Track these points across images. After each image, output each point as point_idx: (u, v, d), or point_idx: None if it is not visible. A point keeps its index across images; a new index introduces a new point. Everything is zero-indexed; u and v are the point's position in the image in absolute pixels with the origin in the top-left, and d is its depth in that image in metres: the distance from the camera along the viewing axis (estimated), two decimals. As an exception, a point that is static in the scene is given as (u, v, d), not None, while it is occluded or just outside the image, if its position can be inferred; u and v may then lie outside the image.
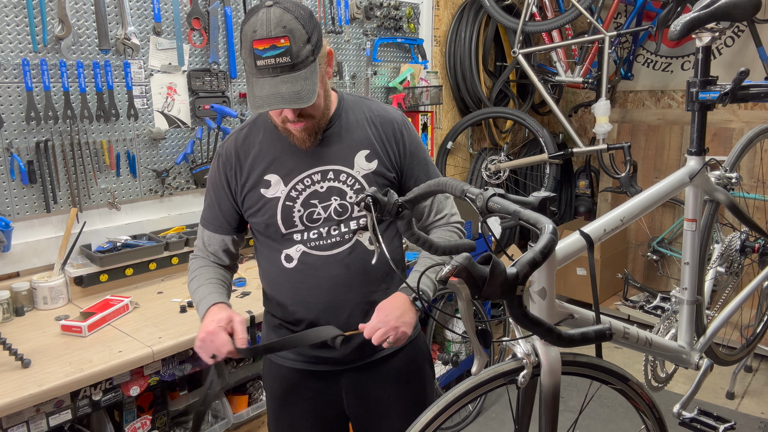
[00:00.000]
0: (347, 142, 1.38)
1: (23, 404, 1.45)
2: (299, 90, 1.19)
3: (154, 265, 2.23)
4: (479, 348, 1.04)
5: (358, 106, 1.42)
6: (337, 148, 1.38)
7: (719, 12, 1.48)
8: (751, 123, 3.59)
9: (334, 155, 1.37)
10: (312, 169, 1.37)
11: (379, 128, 1.41)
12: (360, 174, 1.38)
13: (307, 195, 1.37)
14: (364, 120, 1.41)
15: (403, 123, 1.45)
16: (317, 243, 1.39)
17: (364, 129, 1.40)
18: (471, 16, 3.58)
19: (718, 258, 1.99)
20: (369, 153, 1.39)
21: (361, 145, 1.39)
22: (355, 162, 1.38)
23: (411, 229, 1.15)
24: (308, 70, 1.21)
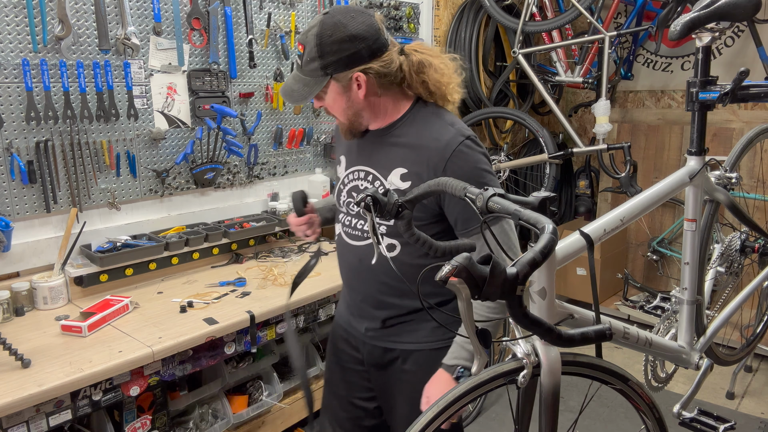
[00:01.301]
0: (391, 155, 1.43)
1: (23, 404, 1.45)
2: (295, 89, 1.41)
3: (154, 265, 2.23)
4: (479, 348, 1.04)
5: (422, 124, 1.43)
6: (383, 156, 1.45)
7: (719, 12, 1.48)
8: (751, 123, 3.59)
9: (378, 161, 1.46)
10: (361, 166, 1.50)
11: (426, 152, 1.38)
12: (391, 187, 1.39)
13: (352, 186, 1.51)
14: (417, 140, 1.41)
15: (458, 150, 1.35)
16: (347, 230, 1.54)
17: (412, 149, 1.40)
18: (471, 16, 3.58)
19: (718, 258, 1.99)
20: (406, 173, 1.40)
21: (402, 162, 1.41)
22: (390, 175, 1.42)
23: (411, 230, 1.15)
24: (312, 79, 1.37)
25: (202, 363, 1.88)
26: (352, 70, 1.34)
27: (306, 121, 2.86)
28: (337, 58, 1.33)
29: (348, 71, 1.35)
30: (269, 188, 2.78)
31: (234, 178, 2.60)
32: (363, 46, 1.33)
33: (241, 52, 2.53)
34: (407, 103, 1.45)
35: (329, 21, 1.32)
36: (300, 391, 2.33)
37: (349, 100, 1.39)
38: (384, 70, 1.36)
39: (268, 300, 2.05)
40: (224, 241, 2.41)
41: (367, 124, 1.46)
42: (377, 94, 1.40)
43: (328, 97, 1.41)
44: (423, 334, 1.50)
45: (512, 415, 1.16)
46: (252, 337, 1.97)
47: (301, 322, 2.17)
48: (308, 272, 1.65)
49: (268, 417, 2.18)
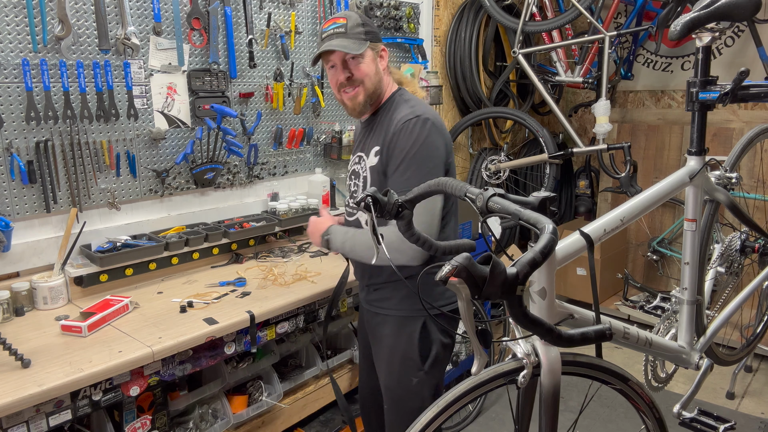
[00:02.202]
0: (373, 135, 1.72)
1: (23, 404, 1.45)
2: (346, 44, 1.62)
3: (154, 265, 2.23)
4: (479, 348, 1.04)
5: (395, 106, 1.71)
6: (369, 138, 1.75)
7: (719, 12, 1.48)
8: (751, 123, 3.59)
9: (366, 144, 1.76)
10: (358, 152, 1.80)
11: (390, 128, 1.65)
12: (369, 165, 1.71)
13: (352, 171, 1.82)
14: (388, 119, 1.69)
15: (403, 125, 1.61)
16: (347, 209, 1.88)
17: (384, 128, 1.68)
18: (471, 16, 3.58)
19: (718, 258, 1.99)
20: (378, 149, 1.68)
21: (377, 141, 1.69)
22: (370, 154, 1.71)
23: (411, 230, 1.15)
24: (358, 41, 1.63)
25: (202, 363, 1.88)
26: (380, 43, 1.71)
27: (306, 121, 2.86)
28: (372, 29, 1.68)
29: (378, 43, 1.70)
30: (269, 188, 2.78)
31: (234, 178, 2.60)
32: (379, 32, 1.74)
33: (241, 52, 2.53)
34: (391, 90, 1.76)
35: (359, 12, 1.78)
36: (299, 391, 2.33)
37: (377, 68, 1.70)
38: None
39: (268, 300, 2.05)
40: (224, 241, 2.41)
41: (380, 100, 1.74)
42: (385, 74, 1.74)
43: (365, 61, 1.66)
44: (394, 303, 1.78)
45: (512, 415, 1.16)
46: (252, 337, 1.97)
47: (301, 322, 2.17)
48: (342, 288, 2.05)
49: (268, 417, 2.18)
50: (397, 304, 1.77)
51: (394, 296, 1.77)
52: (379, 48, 1.71)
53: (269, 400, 2.18)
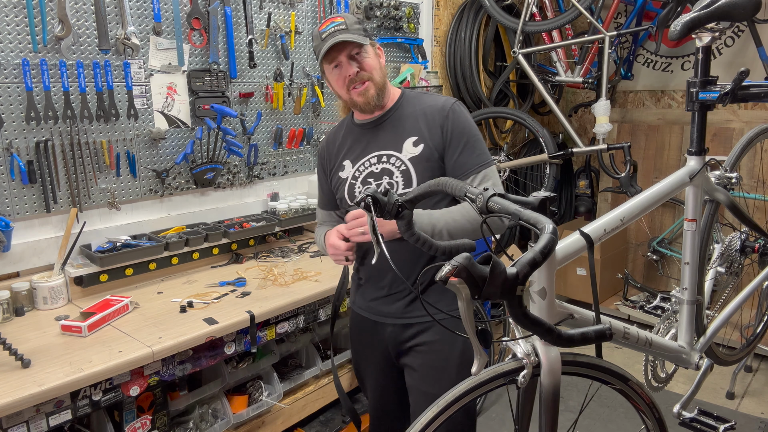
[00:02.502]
0: (399, 130, 1.65)
1: (23, 404, 1.45)
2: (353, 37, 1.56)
3: (154, 265, 2.23)
4: (479, 348, 1.04)
5: (416, 100, 1.69)
6: (391, 136, 1.66)
7: (719, 12, 1.48)
8: (751, 123, 3.59)
9: (387, 141, 1.66)
10: (371, 154, 1.67)
11: (427, 116, 1.63)
12: (407, 157, 1.62)
13: (366, 175, 1.67)
14: (417, 110, 1.65)
15: (451, 108, 1.62)
16: None
17: (415, 118, 1.64)
18: (471, 16, 3.58)
19: (718, 258, 1.99)
20: (416, 139, 1.62)
21: (410, 132, 1.64)
22: (404, 147, 1.63)
23: (411, 230, 1.15)
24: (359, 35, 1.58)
25: (202, 363, 1.88)
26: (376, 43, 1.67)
27: (306, 121, 2.86)
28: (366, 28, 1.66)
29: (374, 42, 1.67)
30: (269, 188, 2.78)
31: (234, 178, 2.60)
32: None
33: (241, 52, 2.53)
34: (398, 91, 1.72)
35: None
36: (299, 391, 2.33)
37: (380, 63, 1.66)
38: None
39: (268, 300, 2.05)
40: (224, 241, 2.41)
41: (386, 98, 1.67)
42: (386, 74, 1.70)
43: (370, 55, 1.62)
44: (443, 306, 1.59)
45: (512, 415, 1.16)
46: (252, 337, 1.97)
47: (301, 322, 2.17)
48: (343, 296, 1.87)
49: (268, 417, 2.18)
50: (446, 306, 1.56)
51: (442, 299, 1.61)
52: (377, 47, 1.69)
53: (269, 400, 2.18)
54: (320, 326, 2.43)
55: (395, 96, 1.70)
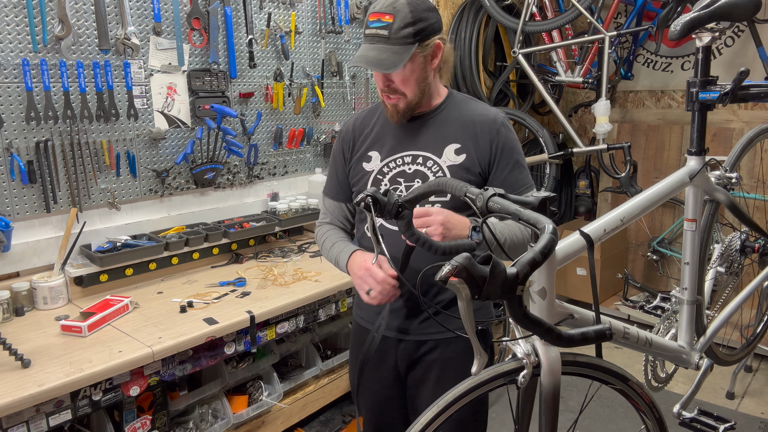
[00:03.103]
0: (442, 133, 1.51)
1: (23, 404, 1.45)
2: (383, 58, 1.38)
3: (154, 265, 2.23)
4: (479, 348, 1.04)
5: (464, 104, 1.55)
6: (432, 137, 1.51)
7: (719, 12, 1.48)
8: (751, 123, 3.59)
9: (427, 143, 1.51)
10: (406, 152, 1.52)
11: (476, 126, 1.50)
12: (446, 164, 1.49)
13: (396, 173, 1.52)
14: (464, 117, 1.52)
15: (502, 124, 1.51)
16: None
17: (462, 125, 1.51)
18: (471, 16, 3.58)
19: (718, 258, 1.99)
20: (459, 147, 1.49)
21: (454, 138, 1.50)
22: (444, 153, 1.49)
23: (411, 229, 1.15)
24: (401, 47, 1.38)
25: (202, 363, 1.88)
26: (434, 38, 1.44)
27: (306, 121, 2.86)
28: (426, 25, 1.41)
29: (432, 39, 1.44)
30: (269, 188, 2.78)
31: (234, 178, 2.60)
32: (438, 18, 1.46)
33: (241, 52, 2.53)
34: (445, 90, 1.58)
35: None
36: (299, 391, 2.33)
37: (425, 71, 1.46)
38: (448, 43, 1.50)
39: (268, 300, 2.05)
40: (224, 241, 2.41)
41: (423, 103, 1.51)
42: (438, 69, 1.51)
43: (408, 67, 1.42)
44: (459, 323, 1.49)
45: (512, 415, 1.16)
46: (252, 337, 1.97)
47: (301, 322, 2.17)
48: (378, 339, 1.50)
49: (268, 417, 2.18)
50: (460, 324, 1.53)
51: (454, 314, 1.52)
52: (433, 43, 1.44)
53: (269, 400, 2.18)
54: (320, 326, 2.43)
55: (442, 95, 1.55)
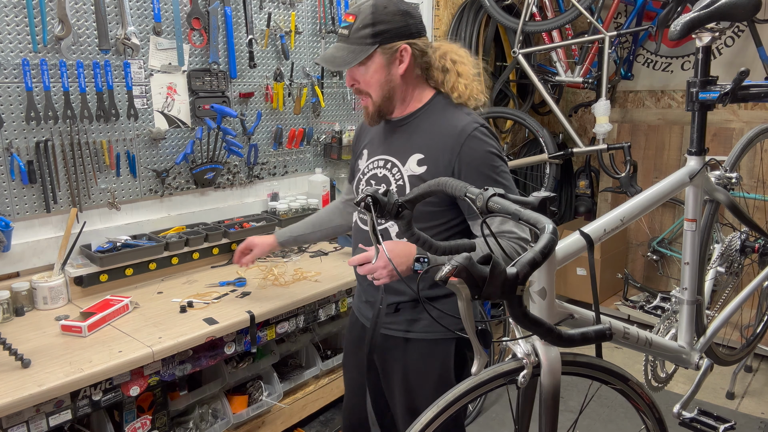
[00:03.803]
0: (410, 141, 1.50)
1: (23, 404, 1.45)
2: (338, 56, 1.44)
3: (154, 265, 2.23)
4: (479, 348, 1.04)
5: (439, 113, 1.51)
6: (401, 144, 1.52)
7: (719, 12, 1.48)
8: (751, 123, 3.59)
9: (397, 149, 1.52)
10: (382, 155, 1.55)
11: (441, 138, 1.45)
12: (407, 173, 1.48)
13: (371, 174, 1.56)
14: (434, 127, 1.48)
15: (470, 136, 1.42)
16: (362, 217, 1.59)
17: (430, 135, 1.48)
18: (471, 16, 3.58)
19: (718, 258, 1.99)
20: (422, 158, 1.47)
21: (419, 148, 1.48)
22: (408, 162, 1.49)
23: (411, 230, 1.15)
24: (358, 47, 1.42)
25: (202, 363, 1.88)
26: (399, 42, 1.43)
27: (306, 121, 2.86)
28: (389, 27, 1.42)
29: (396, 42, 1.43)
30: (269, 188, 2.78)
31: (234, 178, 2.60)
32: (412, 23, 1.44)
33: (241, 52, 2.53)
34: (429, 94, 1.53)
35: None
36: (299, 391, 2.33)
37: (389, 74, 1.46)
38: (425, 49, 1.48)
39: (268, 300, 2.05)
40: (224, 241, 2.41)
41: (394, 107, 1.52)
42: (413, 75, 1.49)
43: (369, 69, 1.45)
44: (423, 325, 1.54)
45: (512, 415, 1.16)
46: (252, 337, 1.97)
47: (301, 322, 2.17)
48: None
49: (268, 417, 2.18)
50: (427, 326, 1.54)
51: (422, 317, 1.54)
52: (397, 48, 1.43)
53: (269, 400, 2.18)
54: (320, 326, 2.43)
55: (423, 100, 1.52)
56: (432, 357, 1.56)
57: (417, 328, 1.55)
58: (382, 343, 1.60)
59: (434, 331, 1.54)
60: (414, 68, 1.48)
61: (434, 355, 1.56)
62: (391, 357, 1.61)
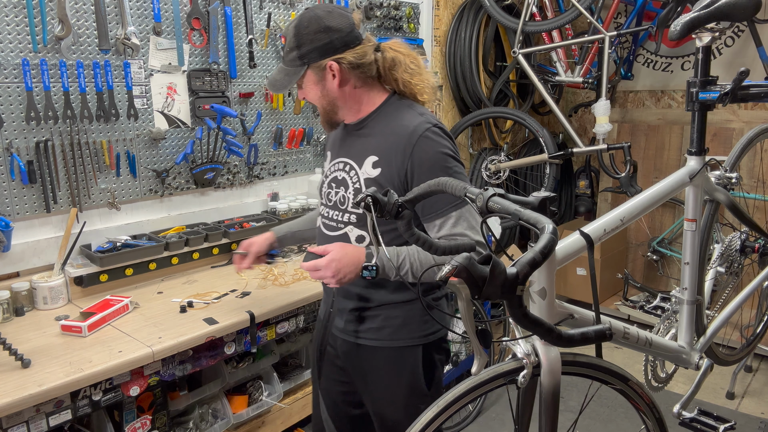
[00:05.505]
0: (366, 144, 1.51)
1: (23, 404, 1.45)
2: (277, 79, 1.52)
3: (154, 265, 2.23)
4: (479, 348, 1.04)
5: (393, 114, 1.51)
6: (358, 146, 1.53)
7: (719, 12, 1.48)
8: (751, 123, 3.59)
9: (354, 151, 1.54)
10: (342, 158, 1.57)
11: (394, 139, 1.46)
12: (363, 176, 1.49)
13: (332, 177, 1.58)
14: (387, 129, 1.49)
15: (422, 136, 1.42)
16: (325, 221, 1.60)
17: (383, 137, 1.48)
18: (471, 16, 3.58)
19: (718, 258, 1.99)
20: (377, 160, 1.48)
21: (374, 151, 1.49)
22: (364, 164, 1.50)
23: (411, 230, 1.15)
24: (291, 68, 1.49)
25: (202, 363, 1.88)
26: (325, 59, 1.45)
27: (306, 121, 2.86)
28: (312, 48, 1.44)
29: (322, 60, 1.45)
30: (269, 188, 2.78)
31: (234, 178, 2.60)
32: (336, 37, 1.44)
33: (241, 52, 2.53)
34: (382, 97, 1.54)
35: (307, 15, 1.45)
36: (299, 391, 2.33)
37: (324, 89, 1.49)
38: (357, 61, 1.46)
39: (268, 300, 2.05)
40: (224, 241, 2.41)
41: (342, 115, 1.55)
42: (353, 85, 1.50)
43: (306, 87, 1.51)
44: (388, 333, 1.55)
45: (512, 415, 1.16)
46: (252, 337, 1.97)
47: (301, 322, 2.17)
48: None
49: (268, 417, 2.18)
50: (392, 334, 1.54)
51: (387, 325, 1.54)
52: (325, 65, 1.45)
53: (269, 400, 2.18)
54: (320, 326, 2.43)
55: (377, 102, 1.53)
56: (400, 365, 1.56)
57: (383, 336, 1.55)
58: (350, 351, 1.60)
59: (401, 339, 1.55)
60: (352, 78, 1.48)
61: (403, 362, 1.56)
62: (359, 367, 1.61)
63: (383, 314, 1.54)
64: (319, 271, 1.41)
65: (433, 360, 1.60)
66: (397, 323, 1.54)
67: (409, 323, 1.55)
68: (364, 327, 1.57)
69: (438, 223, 1.43)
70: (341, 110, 1.53)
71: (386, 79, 1.53)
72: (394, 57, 1.50)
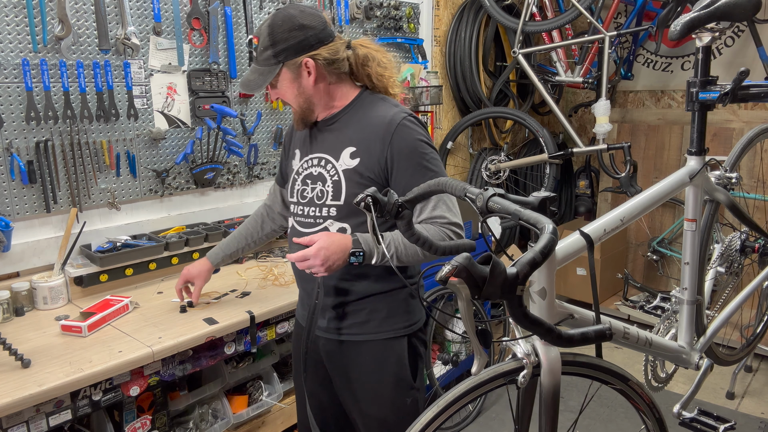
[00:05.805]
0: (341, 137, 1.53)
1: (23, 404, 1.45)
2: (251, 79, 1.52)
3: (154, 265, 2.23)
4: (479, 348, 1.04)
5: (368, 107, 1.54)
6: (332, 140, 1.55)
7: (719, 12, 1.48)
8: (751, 123, 3.59)
9: (329, 145, 1.55)
10: (314, 154, 1.58)
11: (372, 129, 1.49)
12: (342, 168, 1.51)
13: (306, 174, 1.58)
14: (363, 120, 1.52)
15: (400, 125, 1.47)
16: (300, 219, 1.59)
17: (360, 128, 1.52)
18: (471, 16, 3.58)
19: (718, 258, 1.99)
20: (354, 151, 1.50)
21: (350, 142, 1.52)
22: (341, 156, 1.52)
23: (411, 229, 1.15)
24: (265, 68, 1.49)
25: (202, 363, 1.88)
26: (301, 57, 1.47)
27: (306, 121, 2.86)
28: (287, 45, 1.46)
29: (298, 57, 1.47)
30: (269, 188, 2.78)
31: (234, 178, 2.60)
32: (311, 34, 1.46)
33: (241, 52, 2.53)
34: (355, 92, 1.57)
35: (280, 14, 1.47)
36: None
37: (300, 86, 1.51)
38: (331, 57, 1.49)
39: (268, 300, 2.05)
40: (224, 241, 2.41)
41: (318, 112, 1.56)
42: (327, 81, 1.52)
43: (280, 85, 1.52)
44: (374, 326, 1.56)
45: (512, 415, 1.16)
46: (252, 337, 1.97)
47: (301, 322, 2.17)
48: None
49: (268, 417, 2.18)
50: (377, 326, 1.55)
51: (372, 318, 1.55)
52: (301, 62, 1.47)
53: (269, 400, 2.18)
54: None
55: (350, 97, 1.56)
56: (387, 357, 1.57)
57: (369, 330, 1.56)
58: (333, 349, 1.60)
59: (386, 330, 1.56)
60: (326, 75, 1.51)
61: (389, 354, 1.57)
62: (341, 365, 1.61)
63: (368, 307, 1.56)
64: (308, 260, 1.41)
65: (417, 350, 1.62)
66: (382, 315, 1.56)
67: (394, 314, 1.56)
68: (347, 323, 1.57)
69: (419, 207, 1.48)
70: (317, 107, 1.55)
71: (357, 75, 1.57)
72: (366, 53, 1.54)
